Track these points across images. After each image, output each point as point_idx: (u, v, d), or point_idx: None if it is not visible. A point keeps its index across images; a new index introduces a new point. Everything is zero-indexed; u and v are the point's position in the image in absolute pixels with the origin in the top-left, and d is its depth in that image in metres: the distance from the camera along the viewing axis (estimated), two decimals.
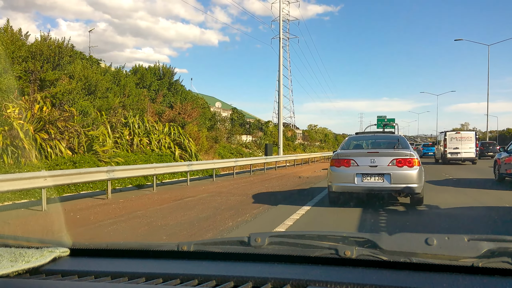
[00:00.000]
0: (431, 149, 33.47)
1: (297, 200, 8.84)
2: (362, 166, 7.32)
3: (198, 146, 21.79)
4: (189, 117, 23.45)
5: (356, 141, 9.21)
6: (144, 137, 17.53)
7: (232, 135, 33.63)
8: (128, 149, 16.22)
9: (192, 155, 18.99)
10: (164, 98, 25.69)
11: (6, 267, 1.16)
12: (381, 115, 45.42)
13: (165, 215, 7.12)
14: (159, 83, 26.33)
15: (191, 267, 1.29)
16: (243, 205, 8.14)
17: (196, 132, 22.62)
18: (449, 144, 24.00)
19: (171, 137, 19.22)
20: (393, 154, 7.31)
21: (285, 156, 25.83)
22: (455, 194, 9.65)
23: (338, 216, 6.98)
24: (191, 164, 13.57)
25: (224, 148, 27.49)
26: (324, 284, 1.06)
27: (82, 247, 1.47)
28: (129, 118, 17.63)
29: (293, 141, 47.43)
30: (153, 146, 17.53)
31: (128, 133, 16.98)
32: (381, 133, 11.00)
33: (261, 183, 13.34)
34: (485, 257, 1.15)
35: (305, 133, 59.29)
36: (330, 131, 74.42)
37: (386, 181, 7.15)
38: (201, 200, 9.08)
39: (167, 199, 9.27)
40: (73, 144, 13.25)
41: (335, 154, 7.88)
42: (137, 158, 14.82)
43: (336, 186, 7.55)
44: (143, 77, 25.65)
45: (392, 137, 9.01)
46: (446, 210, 7.40)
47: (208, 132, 27.53)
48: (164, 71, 28.00)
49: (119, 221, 6.59)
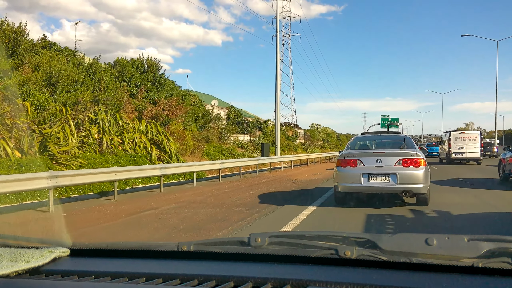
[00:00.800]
0: (436, 149, 33.38)
1: (283, 215, 7.10)
2: (368, 166, 7.37)
3: (183, 146, 20.15)
4: (174, 114, 21.88)
5: (362, 141, 9.22)
6: (116, 136, 15.49)
7: (225, 134, 31.31)
8: (97, 149, 14.19)
9: (172, 156, 16.95)
10: (147, 93, 24.05)
11: (6, 267, 1.16)
12: (384, 114, 44.85)
13: (101, 237, 5.82)
14: (142, 77, 24.61)
15: (191, 267, 1.29)
16: (209, 223, 6.54)
17: (181, 131, 20.82)
18: (453, 144, 23.95)
19: (148, 136, 17.12)
20: (400, 154, 7.36)
21: (280, 157, 23.53)
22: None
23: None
24: (165, 167, 11.60)
25: (214, 149, 25.39)
26: (324, 284, 1.06)
27: (82, 247, 1.47)
28: (99, 115, 15.52)
29: (294, 140, 45.95)
30: (126, 146, 15.40)
31: (97, 131, 14.95)
32: (387, 133, 11.08)
33: (246, 189, 11.49)
34: (485, 257, 1.14)
35: (307, 133, 57.69)
36: (333, 131, 73.17)
37: (392, 181, 7.19)
38: (162, 214, 7.48)
39: (121, 213, 7.71)
40: (22, 143, 11.24)
41: (341, 154, 7.90)
42: (104, 160, 12.88)
43: (342, 186, 7.59)
44: (124, 70, 23.81)
45: (398, 137, 9.03)
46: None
47: (199, 131, 26.13)
48: (149, 64, 25.87)
49: None
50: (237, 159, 18.43)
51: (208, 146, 24.78)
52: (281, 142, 38.72)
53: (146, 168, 11.28)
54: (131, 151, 15.23)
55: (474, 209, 7.44)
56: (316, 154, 33.38)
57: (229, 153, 25.96)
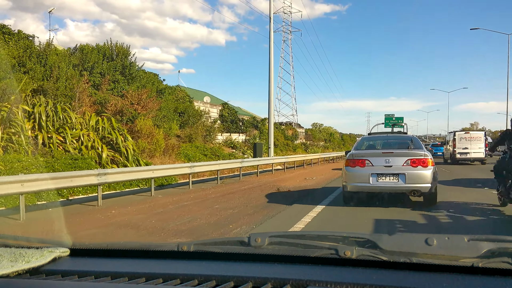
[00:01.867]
0: (440, 149, 33.31)
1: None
2: (377, 166, 7.48)
3: (152, 145, 17.60)
4: (143, 108, 19.24)
5: (369, 142, 9.35)
6: (57, 133, 12.85)
7: (211, 132, 27.49)
8: (29, 150, 11.35)
9: (128, 158, 13.79)
10: (114, 84, 21.36)
11: (6, 267, 1.16)
12: (388, 114, 44.00)
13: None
14: (109, 65, 21.73)
15: (191, 267, 1.29)
16: None
17: (150, 128, 18.12)
18: (458, 144, 24.09)
19: (100, 133, 14.08)
20: (408, 154, 7.48)
21: (271, 158, 20.46)
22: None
23: None
24: (105, 173, 8.86)
25: (196, 149, 22.06)
26: (324, 284, 1.06)
27: (82, 247, 1.47)
28: (36, 107, 12.85)
29: (293, 140, 43.80)
30: (68, 145, 12.65)
31: (31, 128, 12.39)
32: (393, 133, 11.18)
33: (213, 201, 9.05)
34: (485, 257, 1.14)
35: (308, 132, 55.85)
36: (336, 130, 71.32)
37: (401, 180, 7.31)
38: None
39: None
40: None
41: (349, 154, 8.03)
42: (33, 163, 9.80)
43: (351, 186, 7.70)
44: (86, 58, 20.81)
45: (405, 137, 9.15)
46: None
47: (182, 130, 24.01)
48: (118, 50, 22.54)
49: None
50: (215, 162, 15.27)
51: (186, 146, 21.67)
52: (280, 142, 36.24)
53: (74, 176, 8.27)
54: (74, 152, 12.40)
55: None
56: (314, 155, 29.84)
57: (212, 154, 22.57)
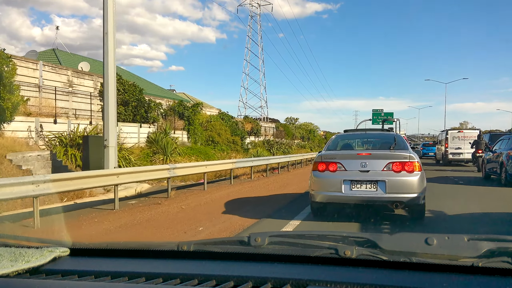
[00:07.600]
0: (432, 149, 31.43)
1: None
2: (350, 171, 6.09)
3: None
4: None
5: (345, 140, 7.83)
6: None
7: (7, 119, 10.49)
8: None
9: None
10: None
11: (6, 267, 1.16)
12: (376, 109, 40.66)
13: None
14: None
15: (191, 266, 1.29)
16: None
17: None
18: (451, 143, 22.62)
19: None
20: (389, 156, 6.10)
21: (96, 174, 7.99)
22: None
23: None
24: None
25: None
26: (324, 284, 1.06)
27: (82, 247, 1.47)
28: None
29: (244, 137, 31.15)
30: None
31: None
32: (374, 130, 9.41)
33: None
34: (485, 257, 1.15)
35: (279, 128, 43.89)
36: (316, 127, 61.82)
37: (380, 189, 5.91)
38: None
39: None
40: None
41: (318, 155, 6.58)
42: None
43: (319, 195, 6.29)
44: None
45: (387, 135, 7.66)
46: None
47: None
48: None
49: None
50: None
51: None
52: (223, 138, 26.19)
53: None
54: None
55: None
56: (268, 159, 18.03)
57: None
